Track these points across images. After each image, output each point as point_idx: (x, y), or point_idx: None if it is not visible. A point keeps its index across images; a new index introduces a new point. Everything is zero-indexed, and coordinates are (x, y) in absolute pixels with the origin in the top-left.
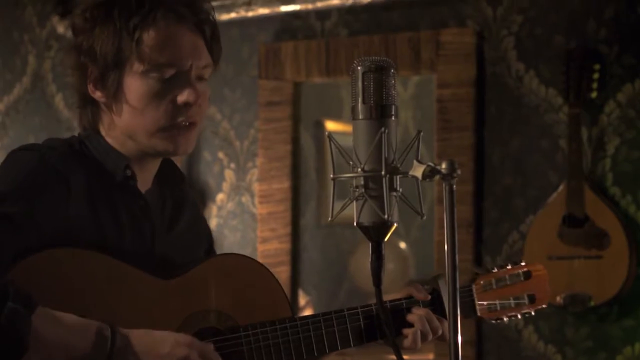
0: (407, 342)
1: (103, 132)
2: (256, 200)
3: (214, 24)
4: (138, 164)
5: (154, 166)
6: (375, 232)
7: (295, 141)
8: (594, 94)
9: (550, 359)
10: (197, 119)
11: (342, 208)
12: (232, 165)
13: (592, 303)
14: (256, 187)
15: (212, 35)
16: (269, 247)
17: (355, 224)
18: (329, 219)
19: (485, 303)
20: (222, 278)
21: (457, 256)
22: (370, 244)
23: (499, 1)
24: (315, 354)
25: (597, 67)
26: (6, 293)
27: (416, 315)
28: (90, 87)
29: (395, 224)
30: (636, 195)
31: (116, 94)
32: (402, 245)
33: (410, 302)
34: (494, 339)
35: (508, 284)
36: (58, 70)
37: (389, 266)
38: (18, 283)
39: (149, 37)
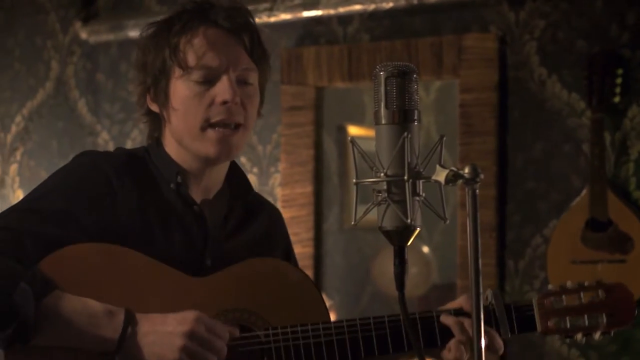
0: (450, 356)
1: (164, 143)
2: (279, 204)
3: (254, 29)
4: (193, 172)
5: (212, 175)
6: (398, 236)
7: (318, 146)
8: (616, 99)
9: None
10: (241, 120)
11: (365, 212)
12: (255, 169)
13: None
14: (279, 191)
15: (251, 40)
16: None
17: (378, 228)
18: (352, 223)
19: (552, 319)
20: (256, 279)
21: (480, 260)
22: (393, 248)
23: (522, 6)
24: (350, 359)
25: (619, 71)
26: (22, 274)
27: (452, 320)
28: (148, 100)
29: (418, 229)
30: None
31: (165, 102)
32: (425, 249)
33: (458, 312)
34: (517, 342)
35: (583, 302)
36: (81, 75)
37: (412, 270)
38: (47, 271)
39: (184, 42)
